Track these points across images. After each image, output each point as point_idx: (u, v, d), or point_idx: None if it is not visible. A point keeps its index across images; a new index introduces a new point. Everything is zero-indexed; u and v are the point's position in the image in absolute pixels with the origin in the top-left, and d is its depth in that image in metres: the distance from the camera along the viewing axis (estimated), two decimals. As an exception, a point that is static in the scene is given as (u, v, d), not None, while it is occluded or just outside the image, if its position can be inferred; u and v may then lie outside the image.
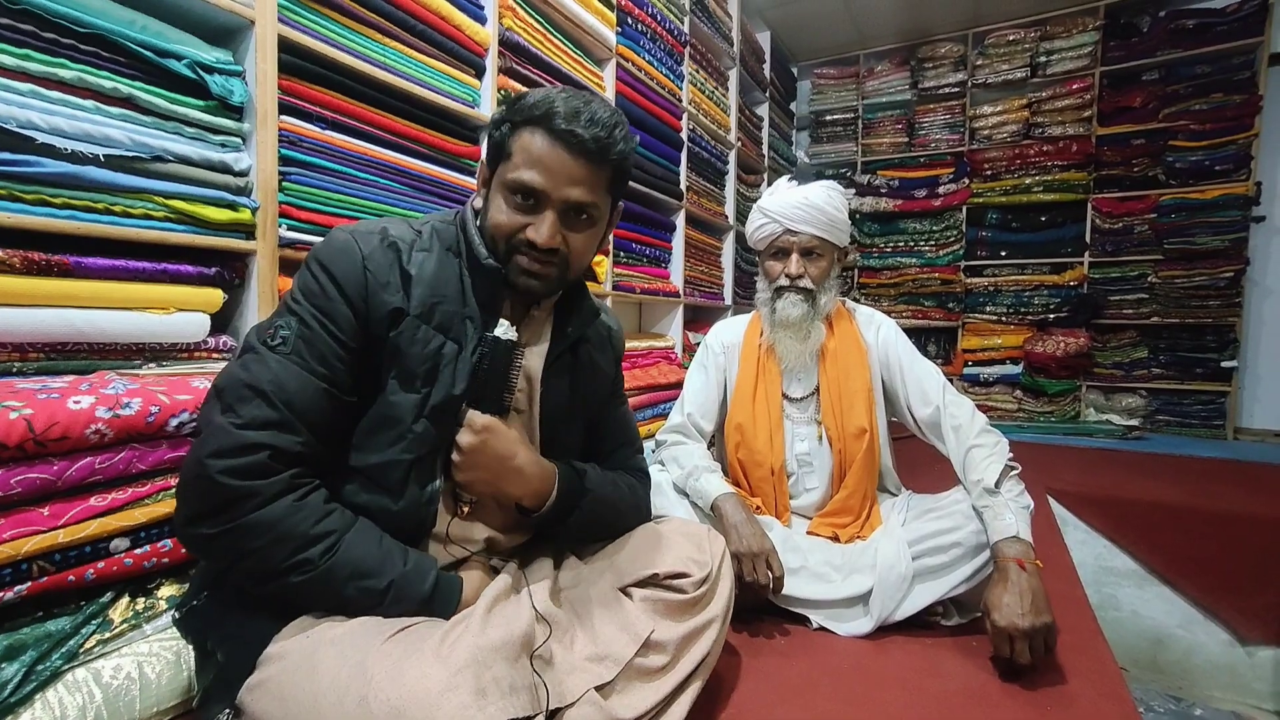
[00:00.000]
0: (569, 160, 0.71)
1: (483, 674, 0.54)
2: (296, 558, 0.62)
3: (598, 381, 0.91)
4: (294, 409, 0.64)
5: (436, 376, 0.72)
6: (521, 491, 0.77)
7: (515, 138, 0.73)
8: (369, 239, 0.72)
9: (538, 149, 0.71)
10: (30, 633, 0.74)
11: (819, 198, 1.26)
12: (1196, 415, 3.31)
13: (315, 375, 0.66)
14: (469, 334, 0.75)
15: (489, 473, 0.75)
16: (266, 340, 0.67)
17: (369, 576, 0.64)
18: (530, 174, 0.71)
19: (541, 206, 0.72)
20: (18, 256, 0.86)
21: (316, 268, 0.70)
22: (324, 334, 0.68)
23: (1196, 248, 3.24)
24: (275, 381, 0.64)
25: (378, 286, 0.70)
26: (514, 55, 1.79)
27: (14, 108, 0.86)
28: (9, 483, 0.72)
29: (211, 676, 0.66)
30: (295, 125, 1.24)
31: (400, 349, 0.71)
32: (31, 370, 0.91)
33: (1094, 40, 3.52)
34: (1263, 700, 1.97)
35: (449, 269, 0.76)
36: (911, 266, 3.99)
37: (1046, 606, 0.95)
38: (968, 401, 1.25)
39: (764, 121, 3.73)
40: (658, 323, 2.83)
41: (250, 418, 0.62)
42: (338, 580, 0.63)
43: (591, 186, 0.73)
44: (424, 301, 0.72)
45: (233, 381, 0.65)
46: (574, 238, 0.75)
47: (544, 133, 0.71)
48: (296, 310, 0.69)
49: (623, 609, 0.75)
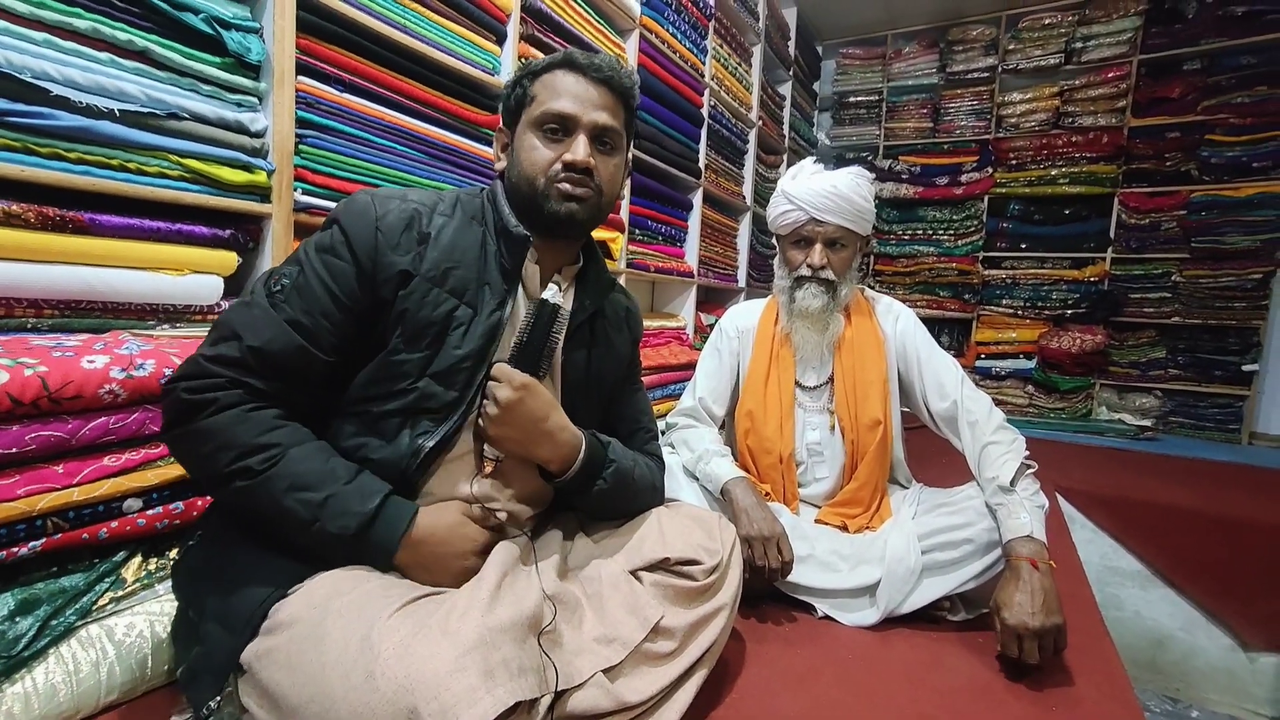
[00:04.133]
0: (592, 87, 0.77)
1: (491, 655, 0.53)
2: (237, 464, 0.64)
3: (613, 359, 0.92)
4: (261, 355, 0.67)
5: (444, 339, 0.74)
6: (550, 454, 0.78)
7: (536, 82, 0.78)
8: (387, 202, 0.75)
9: (562, 82, 0.77)
10: (44, 588, 0.75)
11: (847, 187, 1.22)
12: (1212, 418, 3.27)
13: (296, 328, 0.69)
14: (485, 300, 0.76)
15: (521, 431, 0.75)
16: (269, 286, 0.71)
17: (307, 490, 0.65)
18: (560, 102, 0.76)
19: (572, 132, 0.77)
20: (32, 211, 0.85)
21: (333, 225, 0.73)
22: (320, 289, 0.70)
23: (1225, 247, 3.16)
24: (252, 328, 0.68)
25: (387, 247, 0.72)
26: (536, 22, 1.74)
27: (29, 57, 0.84)
28: (23, 439, 0.72)
29: (195, 653, 0.66)
30: (313, 86, 1.21)
31: (408, 310, 0.72)
32: (46, 326, 0.90)
33: (1135, 26, 3.40)
34: (1261, 706, 1.97)
35: (469, 236, 0.77)
36: (929, 255, 3.92)
37: (1058, 607, 0.94)
38: (985, 397, 1.22)
39: (786, 101, 3.65)
40: (670, 302, 2.80)
41: (217, 354, 0.67)
42: (277, 490, 0.64)
43: (614, 113, 0.79)
44: (437, 264, 0.74)
45: (223, 319, 0.70)
46: (603, 163, 0.79)
47: (564, 69, 0.78)
48: (302, 261, 0.72)
49: (633, 592, 0.75)
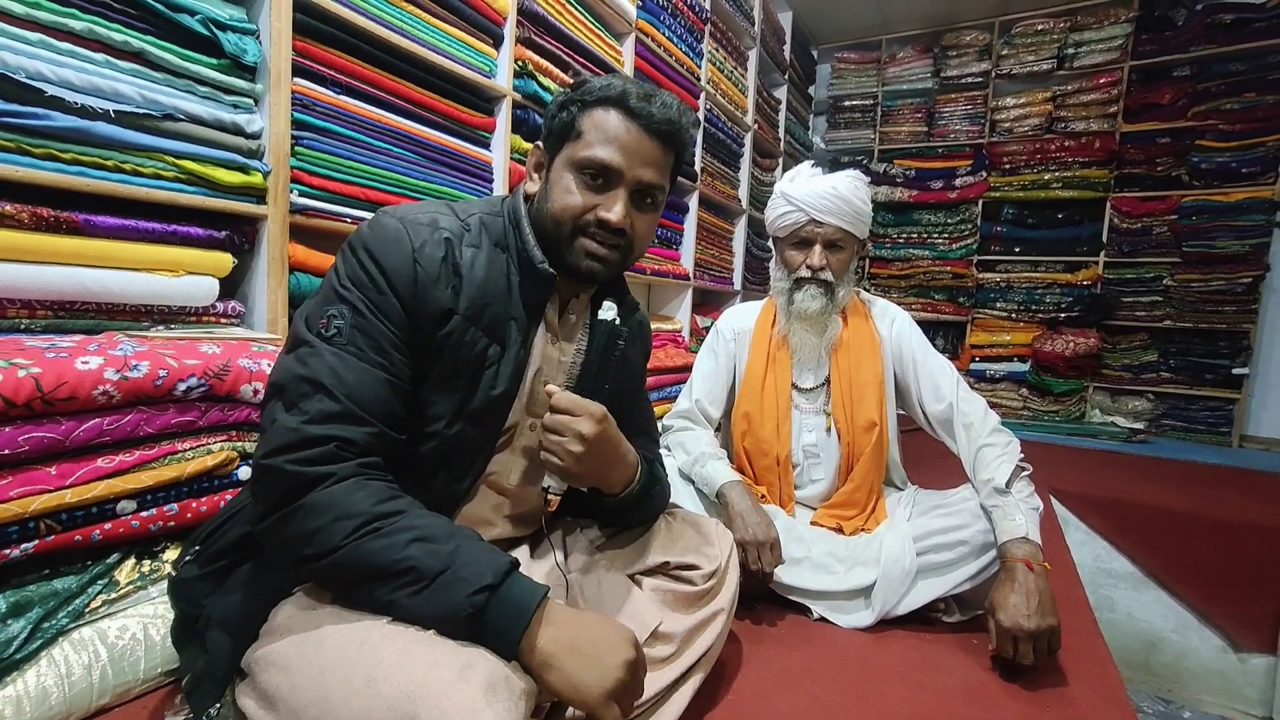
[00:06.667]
0: (644, 139, 0.70)
1: (495, 670, 0.53)
2: (360, 533, 0.57)
3: (630, 373, 0.89)
4: (356, 400, 0.61)
5: (479, 379, 0.70)
6: (620, 477, 0.75)
7: (586, 116, 0.71)
8: (419, 230, 0.68)
9: (613, 127, 0.70)
10: (37, 590, 0.74)
11: (847, 189, 1.23)
12: (1203, 421, 3.29)
13: (374, 365, 0.63)
14: (512, 336, 0.72)
15: (602, 461, 0.71)
16: (320, 331, 0.63)
17: (434, 541, 0.58)
18: (606, 150, 0.69)
19: (613, 185, 0.70)
20: (26, 211, 0.85)
21: (365, 255, 0.66)
22: (378, 323, 0.64)
23: (1216, 252, 3.19)
24: (334, 374, 0.61)
25: (428, 282, 0.66)
26: (532, 25, 1.75)
27: (23, 58, 0.84)
28: (16, 441, 0.72)
29: (201, 660, 0.65)
30: (309, 88, 1.21)
31: (447, 349, 0.68)
32: (39, 328, 0.90)
33: (1126, 33, 3.43)
34: (1252, 706, 1.98)
35: (497, 267, 0.72)
36: (924, 259, 3.94)
37: (1053, 609, 0.94)
38: (980, 399, 1.23)
39: (782, 104, 3.67)
40: (666, 305, 2.81)
41: (314, 412, 0.60)
42: (398, 541, 0.57)
43: (661, 169, 0.73)
44: (474, 302, 0.69)
45: (290, 377, 0.62)
46: (639, 220, 0.73)
47: (619, 111, 0.70)
48: (347, 298, 0.64)
49: (632, 598, 0.75)
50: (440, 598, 0.55)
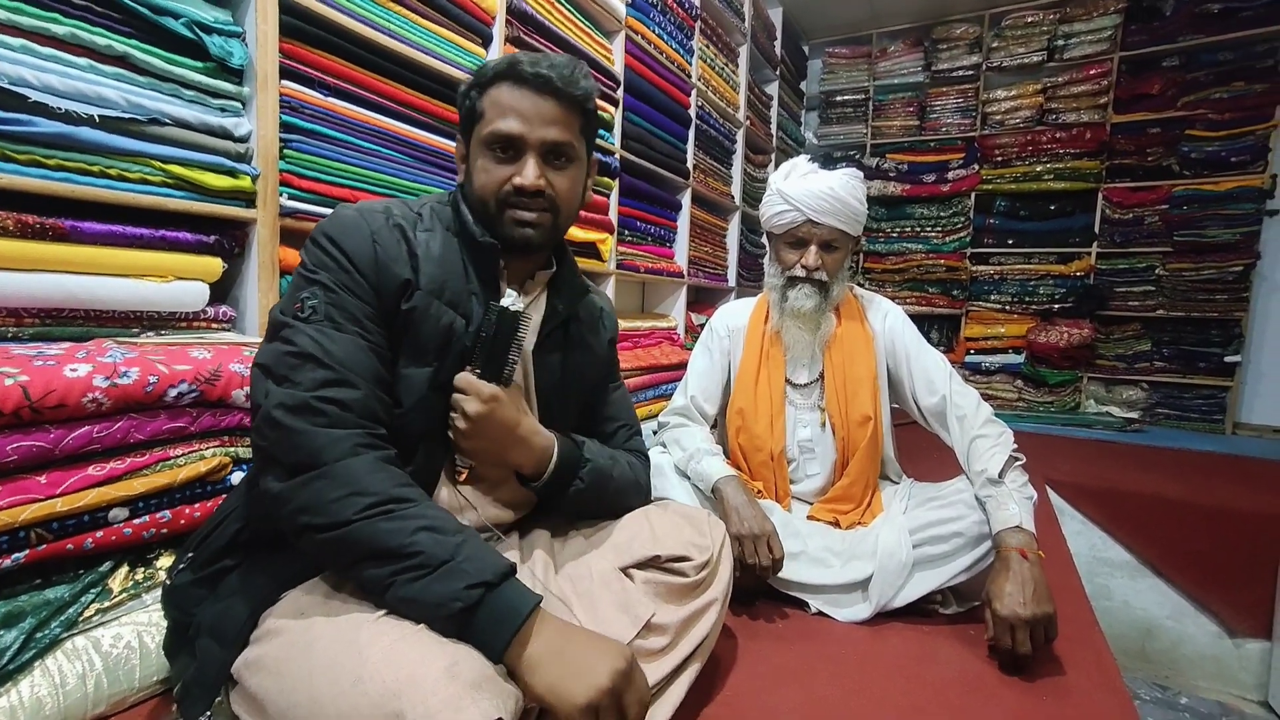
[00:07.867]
0: (539, 101, 0.73)
1: (481, 668, 0.53)
2: (372, 510, 0.59)
3: (591, 361, 0.91)
4: (344, 365, 0.64)
5: (448, 351, 0.73)
6: (523, 459, 0.78)
7: (484, 97, 0.75)
8: (375, 217, 0.73)
9: (507, 98, 0.73)
10: (29, 600, 0.74)
11: (844, 189, 1.22)
12: (1196, 409, 3.31)
13: (353, 335, 0.67)
14: (474, 309, 0.75)
15: (493, 441, 0.75)
16: (296, 314, 0.66)
17: (441, 533, 0.60)
18: (506, 122, 0.73)
19: (521, 152, 0.74)
20: (11, 219, 0.84)
21: (326, 242, 0.70)
22: (349, 298, 0.68)
23: (1207, 241, 3.21)
24: (318, 345, 0.64)
25: (388, 260, 0.70)
26: (521, 24, 1.74)
27: (4, 63, 0.83)
28: (5, 450, 0.71)
29: (191, 668, 0.65)
30: (297, 90, 1.20)
31: (413, 322, 0.71)
32: (27, 336, 0.89)
33: (1115, 24, 3.44)
34: (1248, 690, 2.00)
35: (451, 248, 0.76)
36: (917, 252, 3.95)
37: (1048, 596, 0.95)
38: (973, 392, 1.23)
39: (773, 100, 3.66)
40: (661, 303, 2.81)
41: (307, 380, 0.62)
42: (406, 527, 0.58)
43: (565, 125, 0.75)
44: (434, 278, 0.73)
45: (276, 356, 0.64)
46: (557, 179, 0.76)
47: (510, 82, 0.73)
48: (317, 279, 0.68)
49: (624, 590, 0.75)
50: (437, 586, 0.56)
